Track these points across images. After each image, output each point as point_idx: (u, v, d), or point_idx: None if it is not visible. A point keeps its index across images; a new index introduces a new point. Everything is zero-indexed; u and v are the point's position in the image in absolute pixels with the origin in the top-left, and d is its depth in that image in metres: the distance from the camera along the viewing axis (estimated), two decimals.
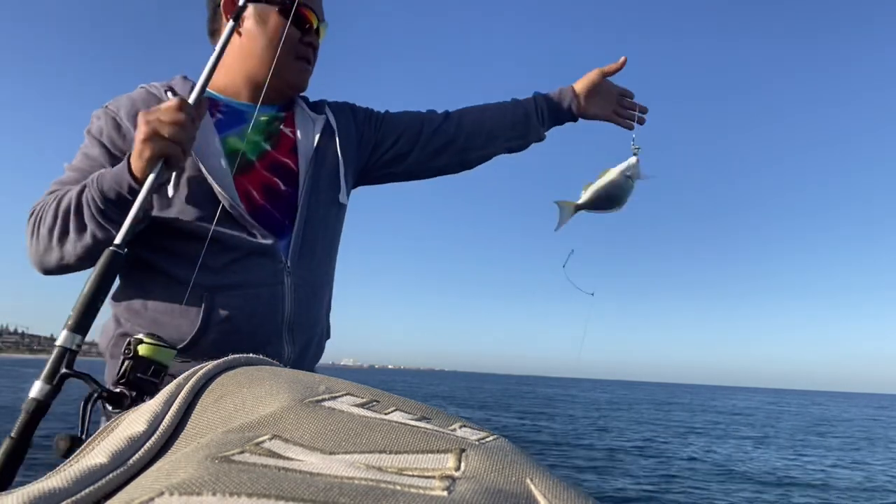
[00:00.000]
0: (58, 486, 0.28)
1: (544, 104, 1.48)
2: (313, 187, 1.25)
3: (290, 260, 1.18)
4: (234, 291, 1.13)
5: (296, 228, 1.21)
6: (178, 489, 0.23)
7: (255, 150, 1.24)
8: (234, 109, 1.27)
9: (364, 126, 1.41)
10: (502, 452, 0.31)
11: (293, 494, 0.22)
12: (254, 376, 0.41)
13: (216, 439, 0.31)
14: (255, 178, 1.21)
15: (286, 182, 1.24)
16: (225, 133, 1.22)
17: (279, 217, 1.21)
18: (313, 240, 1.24)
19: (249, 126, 1.25)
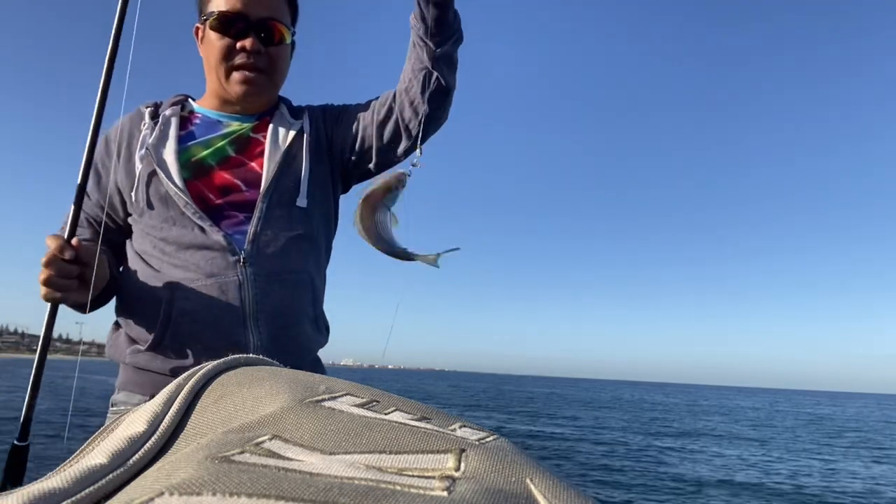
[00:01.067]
0: (58, 486, 0.28)
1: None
2: (276, 189, 1.28)
3: (248, 252, 1.23)
4: (192, 285, 1.21)
5: (252, 224, 1.25)
6: (178, 489, 0.23)
7: (216, 156, 1.30)
8: (208, 120, 1.35)
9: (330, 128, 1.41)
10: (502, 452, 0.31)
11: (293, 494, 0.22)
12: (254, 376, 0.41)
13: (216, 439, 0.31)
14: (212, 181, 1.27)
15: (249, 184, 1.29)
16: (190, 143, 1.30)
17: (237, 215, 1.26)
18: (274, 235, 1.26)
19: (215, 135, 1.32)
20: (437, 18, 1.18)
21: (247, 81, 1.29)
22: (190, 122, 1.35)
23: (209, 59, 1.31)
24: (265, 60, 1.29)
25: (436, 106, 1.26)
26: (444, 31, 1.20)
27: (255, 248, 1.24)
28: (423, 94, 1.23)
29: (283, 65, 1.34)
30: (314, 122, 1.39)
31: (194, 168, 1.28)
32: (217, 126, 1.34)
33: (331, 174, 1.40)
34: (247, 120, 1.36)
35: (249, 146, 1.33)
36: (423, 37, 1.19)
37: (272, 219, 1.27)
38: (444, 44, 1.21)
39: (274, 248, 1.26)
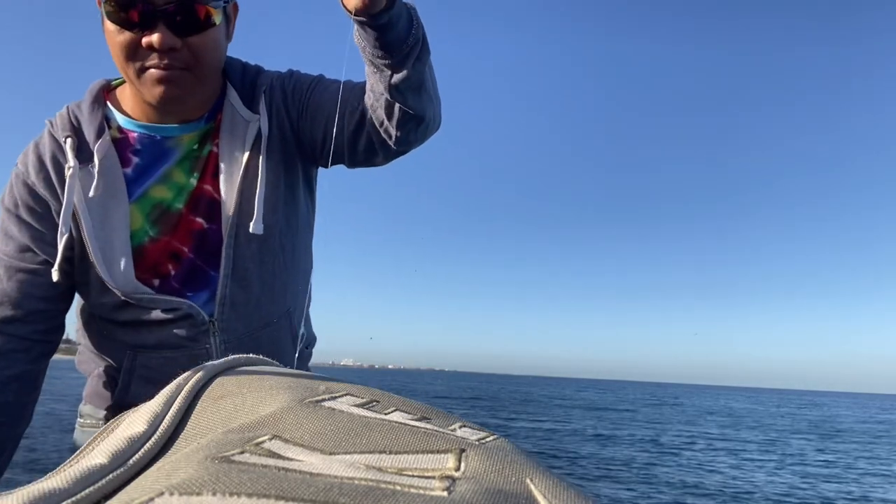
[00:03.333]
0: (58, 486, 0.28)
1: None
2: (240, 220, 1.03)
3: (218, 314, 1.04)
4: (153, 353, 1.05)
5: (221, 278, 1.04)
6: (178, 489, 0.23)
7: (183, 195, 1.03)
8: (151, 140, 1.03)
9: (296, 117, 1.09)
10: (502, 452, 0.31)
11: (293, 494, 0.22)
12: (254, 376, 0.41)
13: (216, 439, 0.31)
14: (183, 230, 1.04)
15: (209, 218, 1.04)
16: (146, 184, 1.02)
17: (204, 267, 1.05)
18: (246, 283, 1.05)
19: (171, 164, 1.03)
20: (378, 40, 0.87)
21: (164, 81, 0.94)
22: (128, 149, 1.02)
23: (112, 53, 0.95)
24: (185, 56, 0.94)
25: (409, 131, 0.99)
26: (393, 52, 0.88)
27: (226, 310, 1.04)
28: (391, 120, 0.97)
29: (212, 54, 0.98)
30: (274, 113, 1.07)
31: (162, 219, 1.02)
32: (165, 146, 1.03)
33: (301, 168, 1.13)
34: (194, 127, 1.04)
35: (207, 164, 1.05)
36: (370, 58, 0.90)
37: (241, 263, 1.04)
38: (399, 67, 0.90)
39: (245, 302, 1.06)
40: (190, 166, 1.04)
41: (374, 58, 0.90)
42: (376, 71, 0.92)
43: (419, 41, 0.91)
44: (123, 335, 1.05)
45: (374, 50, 0.88)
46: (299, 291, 1.17)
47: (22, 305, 0.99)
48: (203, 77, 0.99)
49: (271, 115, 1.07)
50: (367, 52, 0.90)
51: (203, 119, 1.05)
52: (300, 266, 1.17)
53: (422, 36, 0.91)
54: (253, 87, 1.08)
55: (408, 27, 0.88)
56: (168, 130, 1.03)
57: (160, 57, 0.93)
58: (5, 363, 0.97)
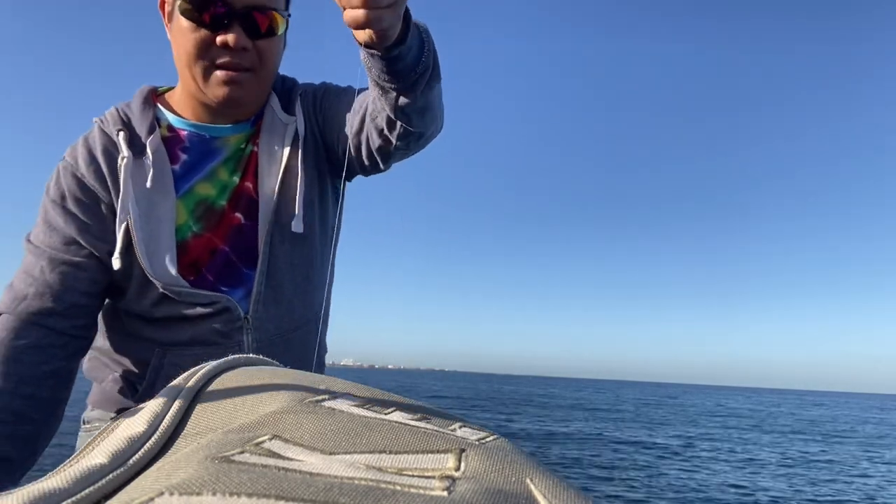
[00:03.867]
0: (58, 486, 0.28)
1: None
2: (277, 218, 1.06)
3: (253, 312, 1.04)
4: (185, 350, 1.03)
5: (257, 275, 1.04)
6: (178, 489, 0.23)
7: (226, 192, 1.06)
8: (198, 138, 1.06)
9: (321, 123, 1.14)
10: (502, 452, 0.31)
11: (293, 494, 0.22)
12: (254, 376, 0.41)
13: (216, 439, 0.31)
14: (225, 227, 1.05)
15: (248, 215, 1.06)
16: (192, 180, 1.05)
17: (238, 264, 1.06)
18: (279, 283, 1.07)
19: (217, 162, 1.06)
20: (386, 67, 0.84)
21: (231, 82, 0.99)
22: (177, 146, 1.05)
23: (179, 52, 0.99)
24: (253, 58, 1.00)
25: (409, 143, 0.99)
26: (401, 79, 0.86)
27: (259, 308, 1.05)
28: (391, 133, 0.96)
29: (274, 59, 1.05)
30: (308, 117, 1.12)
31: (206, 216, 1.04)
32: (213, 146, 1.07)
33: (330, 176, 1.16)
34: (242, 129, 1.09)
35: (250, 164, 1.08)
36: (377, 80, 0.88)
37: (276, 262, 1.06)
38: (407, 92, 0.88)
39: (277, 301, 1.07)
40: (234, 165, 1.07)
41: (381, 81, 0.87)
42: (381, 93, 0.91)
43: (429, 68, 0.88)
44: (154, 333, 1.04)
45: (381, 74, 0.86)
46: (325, 299, 1.18)
47: (63, 299, 0.98)
48: (263, 81, 1.05)
49: (306, 119, 1.11)
50: (373, 74, 0.87)
51: (250, 122, 1.10)
52: (326, 274, 1.17)
53: (432, 62, 0.88)
54: (290, 93, 1.13)
55: (418, 53, 0.85)
56: (217, 130, 1.07)
57: (231, 56, 0.98)
58: (43, 357, 0.96)
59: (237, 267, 1.06)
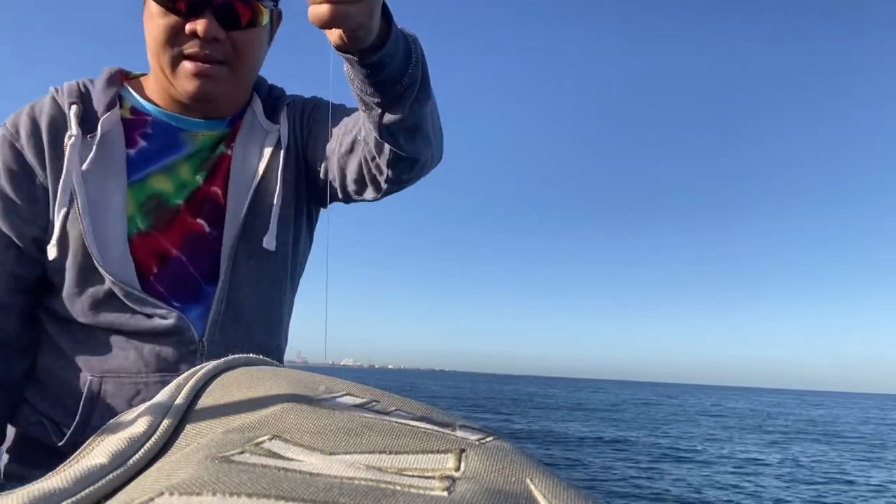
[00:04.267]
0: (58, 486, 0.28)
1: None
2: (245, 230, 0.94)
3: (209, 334, 0.91)
4: (127, 379, 0.88)
5: (217, 292, 0.92)
6: (178, 489, 0.23)
7: (184, 190, 0.94)
8: (164, 126, 0.95)
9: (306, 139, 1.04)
10: (502, 452, 0.31)
11: (293, 494, 0.22)
12: (253, 376, 0.41)
13: (216, 439, 0.31)
14: (177, 229, 0.93)
15: (213, 223, 0.95)
16: (147, 169, 0.93)
17: (194, 274, 0.93)
18: (240, 303, 0.94)
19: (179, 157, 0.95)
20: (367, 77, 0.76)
21: (200, 75, 0.90)
22: (137, 130, 0.94)
23: (148, 39, 0.91)
24: (226, 50, 0.91)
25: (401, 172, 0.90)
26: (385, 92, 0.78)
27: (217, 330, 0.92)
28: (380, 158, 0.88)
29: (253, 54, 0.94)
30: (293, 129, 1.03)
31: (157, 213, 0.92)
32: (178, 138, 0.95)
33: (307, 196, 1.05)
34: (215, 127, 0.98)
35: (218, 166, 0.97)
36: (359, 94, 0.80)
37: (238, 279, 0.94)
38: (393, 108, 0.80)
39: (238, 324, 0.94)
40: (199, 165, 0.96)
41: (364, 94, 0.79)
42: (365, 108, 0.82)
43: (416, 81, 0.79)
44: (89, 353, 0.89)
45: (364, 87, 0.77)
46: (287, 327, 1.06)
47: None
48: (239, 76, 0.95)
49: (291, 130, 1.02)
50: (356, 87, 0.79)
51: (225, 122, 0.99)
52: (291, 299, 1.07)
53: (420, 75, 0.80)
54: (276, 101, 1.04)
55: (404, 64, 0.77)
56: (187, 123, 0.96)
57: (201, 46, 0.89)
58: None
59: (195, 281, 0.93)
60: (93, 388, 0.87)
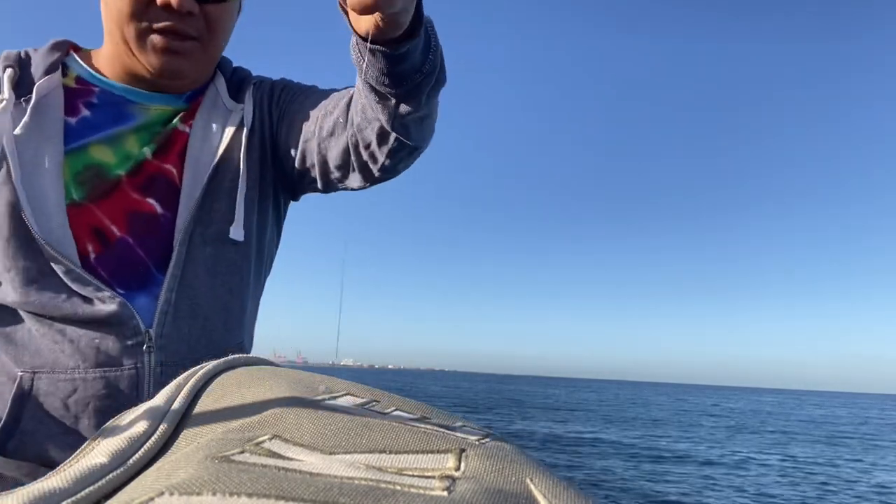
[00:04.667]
0: (58, 486, 0.28)
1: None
2: (202, 213, 0.87)
3: (158, 325, 0.82)
4: (62, 376, 0.79)
5: (167, 279, 0.83)
6: (178, 489, 0.23)
7: (127, 162, 0.86)
8: (112, 99, 0.88)
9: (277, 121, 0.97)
10: (502, 452, 0.31)
11: (293, 494, 0.22)
12: (254, 376, 0.41)
13: (216, 439, 0.31)
14: (117, 203, 0.84)
15: (165, 203, 0.87)
16: (88, 138, 0.85)
17: (144, 258, 0.85)
18: (195, 293, 0.86)
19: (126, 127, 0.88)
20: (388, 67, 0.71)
21: (171, 51, 0.84)
22: (81, 99, 0.87)
23: (111, 8, 0.84)
24: (199, 24, 0.86)
25: (400, 160, 0.86)
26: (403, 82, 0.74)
27: (168, 321, 0.83)
28: (381, 147, 0.83)
29: (225, 29, 0.90)
30: (259, 110, 0.96)
31: (93, 182, 0.84)
32: (126, 109, 0.88)
33: (273, 183, 0.98)
34: (172, 101, 0.92)
35: (172, 142, 0.90)
36: (374, 83, 0.74)
37: (194, 267, 0.86)
38: (410, 98, 0.76)
39: (191, 315, 0.85)
40: (149, 138, 0.88)
41: (379, 84, 0.74)
42: (378, 99, 0.77)
43: (435, 69, 0.75)
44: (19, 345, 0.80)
45: (380, 76, 0.72)
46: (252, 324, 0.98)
47: None
48: (210, 53, 0.90)
49: (257, 110, 0.96)
50: (369, 75, 0.73)
51: (182, 97, 0.93)
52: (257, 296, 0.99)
53: (439, 63, 0.75)
54: (242, 81, 0.98)
55: (424, 51, 0.72)
56: (137, 95, 0.89)
57: (172, 20, 0.83)
58: None
59: (144, 265, 0.85)
60: (23, 384, 0.79)
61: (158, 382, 0.80)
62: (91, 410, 0.79)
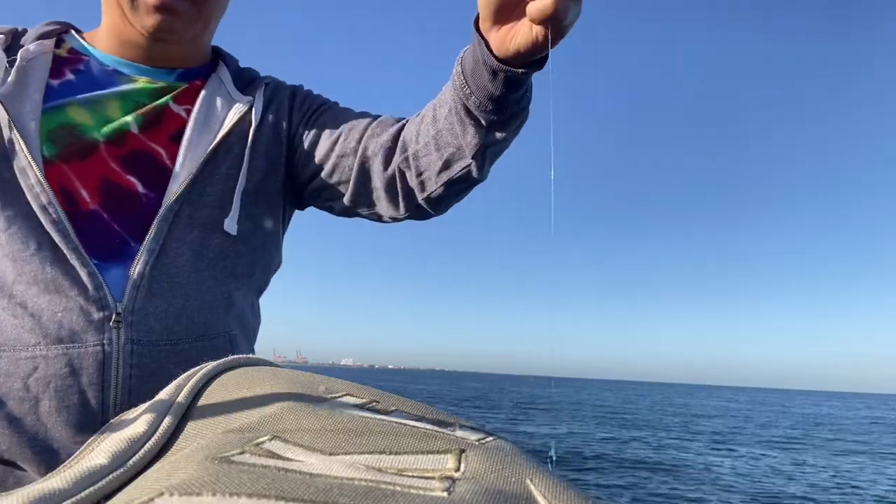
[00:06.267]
0: (58, 486, 0.28)
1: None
2: (190, 196, 0.83)
3: (128, 303, 0.76)
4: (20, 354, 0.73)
5: (142, 251, 0.78)
6: (178, 489, 0.23)
7: (106, 128, 0.83)
8: (99, 68, 0.87)
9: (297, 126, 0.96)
10: (502, 453, 0.31)
11: (293, 495, 0.22)
12: (254, 377, 0.41)
13: (216, 440, 0.31)
14: (92, 168, 0.80)
15: (149, 183, 0.83)
16: (67, 98, 0.83)
17: (119, 233, 0.79)
18: (175, 269, 0.80)
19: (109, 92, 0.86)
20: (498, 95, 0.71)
21: (163, 8, 0.82)
22: (69, 66, 0.86)
23: None
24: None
25: (453, 193, 0.85)
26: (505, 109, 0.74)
27: (141, 295, 0.77)
28: (441, 173, 0.82)
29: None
30: (273, 108, 0.95)
31: (65, 141, 0.80)
32: (113, 78, 0.87)
33: (282, 187, 0.96)
34: (162, 76, 0.90)
35: (162, 121, 0.87)
36: (475, 110, 0.74)
37: (174, 243, 0.81)
38: (503, 127, 0.76)
39: (168, 294, 0.79)
40: (131, 107, 0.86)
41: (479, 109, 0.73)
42: (472, 123, 0.76)
43: (530, 102, 0.76)
44: None
45: (484, 101, 0.72)
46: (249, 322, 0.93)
47: None
48: (204, 15, 0.88)
49: (267, 109, 0.94)
50: (472, 101, 0.73)
51: (173, 74, 0.91)
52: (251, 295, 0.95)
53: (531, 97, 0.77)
54: (251, 79, 0.97)
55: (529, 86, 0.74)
56: (127, 66, 0.88)
57: None
58: None
59: (120, 237, 0.80)
60: None
61: (129, 363, 0.74)
62: (52, 391, 0.72)
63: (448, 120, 0.79)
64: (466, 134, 0.77)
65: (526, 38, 0.65)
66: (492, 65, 0.69)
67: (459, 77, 0.74)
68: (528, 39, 0.65)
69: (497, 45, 0.68)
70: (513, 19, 0.67)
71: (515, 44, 0.66)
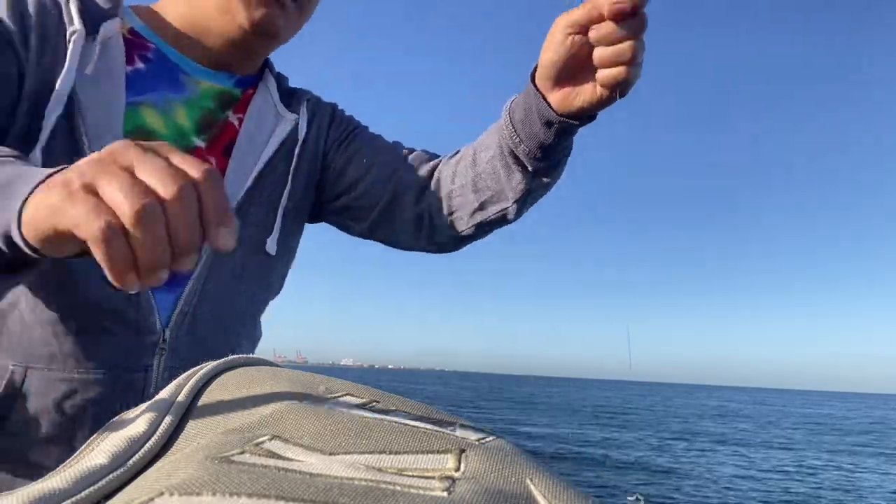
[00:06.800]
0: (58, 486, 0.28)
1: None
2: (238, 214, 0.81)
3: (174, 327, 0.75)
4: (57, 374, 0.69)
5: (192, 280, 0.77)
6: (178, 489, 0.23)
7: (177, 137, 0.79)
8: (163, 62, 0.81)
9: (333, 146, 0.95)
10: (502, 453, 0.31)
11: (293, 495, 0.22)
12: (254, 376, 0.41)
13: (216, 440, 0.31)
14: None
15: None
16: (140, 97, 0.77)
17: None
18: (217, 297, 0.79)
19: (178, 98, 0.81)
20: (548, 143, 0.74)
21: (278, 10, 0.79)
22: (136, 51, 0.79)
23: None
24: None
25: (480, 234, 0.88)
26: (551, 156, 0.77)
27: (187, 322, 0.76)
28: (473, 215, 0.85)
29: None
30: (315, 125, 0.93)
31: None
32: (178, 77, 0.81)
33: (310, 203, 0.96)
34: (223, 80, 0.86)
35: (220, 133, 0.84)
36: (523, 157, 0.76)
37: (221, 270, 0.80)
38: (548, 173, 0.79)
39: (212, 323, 0.79)
40: (197, 117, 0.82)
41: (529, 157, 0.76)
42: (519, 169, 0.78)
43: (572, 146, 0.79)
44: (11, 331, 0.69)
45: (533, 150, 0.75)
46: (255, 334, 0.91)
47: None
48: (302, 20, 0.85)
49: (309, 127, 0.92)
50: (521, 149, 0.76)
51: (233, 79, 0.87)
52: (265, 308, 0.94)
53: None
54: (293, 91, 0.95)
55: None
56: (188, 64, 0.83)
57: None
58: None
59: None
60: (14, 379, 0.68)
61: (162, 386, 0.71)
62: (89, 417, 0.70)
63: (491, 164, 0.81)
64: (512, 179, 0.80)
65: (591, 96, 0.69)
66: (550, 118, 0.72)
67: (509, 127, 0.77)
68: (594, 98, 0.69)
69: (559, 102, 0.71)
70: (575, 79, 0.70)
71: (580, 101, 0.70)
